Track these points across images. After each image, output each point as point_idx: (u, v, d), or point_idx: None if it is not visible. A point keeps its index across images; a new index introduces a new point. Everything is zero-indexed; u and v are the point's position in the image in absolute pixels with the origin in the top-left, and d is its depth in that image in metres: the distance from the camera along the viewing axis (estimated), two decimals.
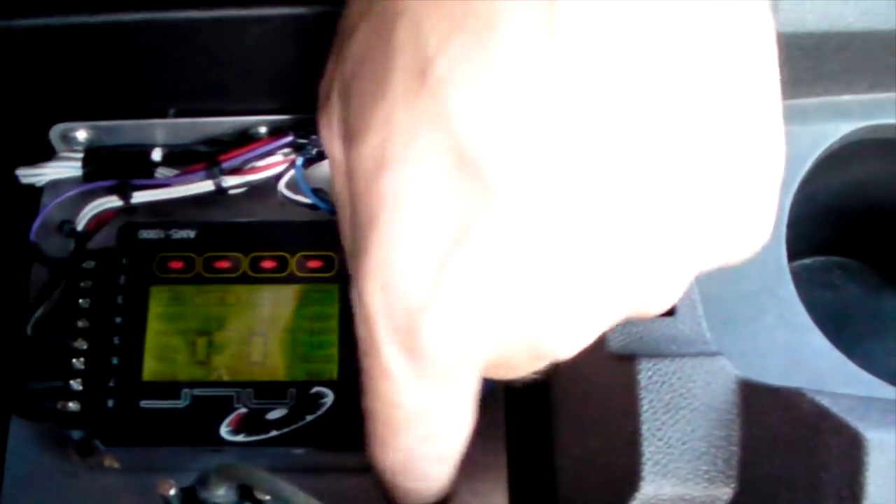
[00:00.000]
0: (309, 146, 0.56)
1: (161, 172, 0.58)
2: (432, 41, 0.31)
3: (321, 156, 0.56)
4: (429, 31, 0.32)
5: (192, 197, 0.57)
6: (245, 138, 0.59)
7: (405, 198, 0.33)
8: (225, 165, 0.56)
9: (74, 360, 0.52)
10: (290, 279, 0.53)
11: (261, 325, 0.52)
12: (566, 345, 0.34)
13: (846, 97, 0.50)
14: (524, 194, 0.31)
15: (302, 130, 0.57)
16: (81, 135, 0.60)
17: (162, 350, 0.52)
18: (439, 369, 0.35)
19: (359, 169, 0.34)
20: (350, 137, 0.35)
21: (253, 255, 0.54)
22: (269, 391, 0.51)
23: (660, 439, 0.39)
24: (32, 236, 0.57)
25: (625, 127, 0.30)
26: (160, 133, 0.60)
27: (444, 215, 0.32)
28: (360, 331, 0.36)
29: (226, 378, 0.51)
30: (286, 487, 0.38)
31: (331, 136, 0.37)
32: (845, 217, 0.58)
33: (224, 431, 0.50)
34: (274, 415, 0.50)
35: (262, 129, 0.59)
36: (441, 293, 0.33)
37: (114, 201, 0.57)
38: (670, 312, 0.42)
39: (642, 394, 0.40)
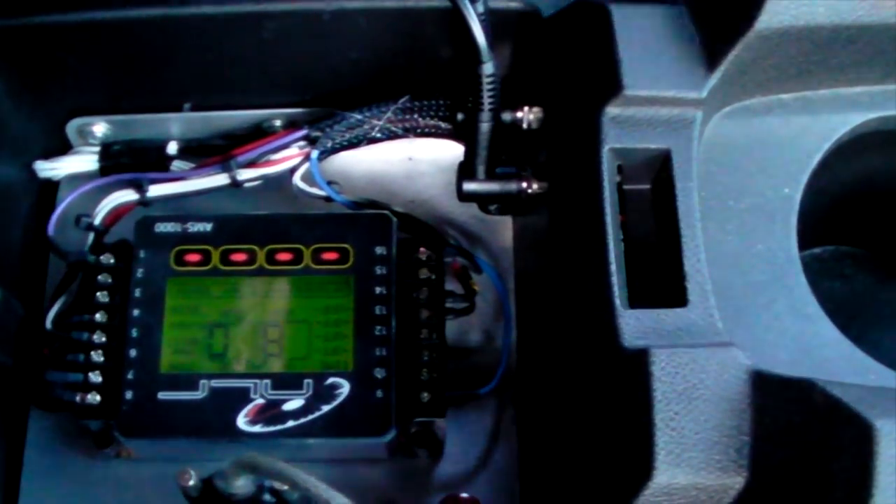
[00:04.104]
0: (323, 139, 0.56)
1: (177, 166, 0.59)
2: None
3: (335, 148, 0.57)
4: None
5: (208, 190, 0.57)
6: (260, 132, 0.60)
7: None
8: (240, 159, 0.56)
9: (93, 353, 0.53)
10: (306, 271, 0.54)
11: (277, 317, 0.53)
12: None
13: (856, 89, 0.50)
14: None
15: (316, 123, 0.57)
16: (98, 129, 0.61)
17: (179, 342, 0.52)
18: None
19: None
20: None
21: (269, 247, 0.54)
22: (285, 382, 0.51)
23: (673, 429, 0.39)
24: (50, 230, 0.57)
25: None
26: (176, 127, 0.60)
27: None
28: None
29: (243, 369, 0.52)
30: (304, 477, 0.39)
31: None
32: (855, 207, 0.58)
33: (241, 422, 0.51)
34: (290, 405, 0.51)
35: (277, 123, 0.60)
36: None
37: (130, 195, 0.57)
38: (682, 303, 0.43)
39: (655, 384, 0.40)
